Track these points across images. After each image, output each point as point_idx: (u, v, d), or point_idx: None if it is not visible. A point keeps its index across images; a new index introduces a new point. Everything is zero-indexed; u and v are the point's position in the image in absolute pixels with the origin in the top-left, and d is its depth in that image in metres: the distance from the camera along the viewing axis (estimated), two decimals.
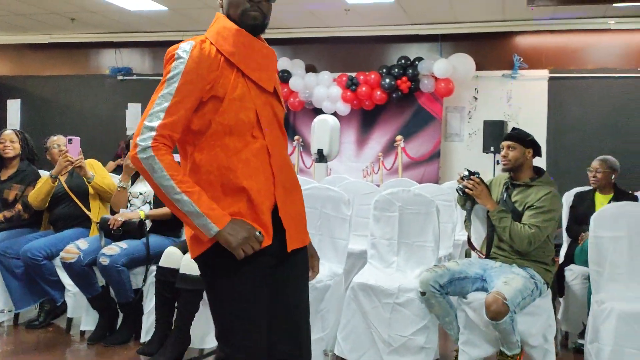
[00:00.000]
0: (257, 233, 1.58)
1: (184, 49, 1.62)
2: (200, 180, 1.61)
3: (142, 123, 1.59)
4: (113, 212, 3.49)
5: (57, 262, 3.38)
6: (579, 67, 6.92)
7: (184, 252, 3.08)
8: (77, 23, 8.13)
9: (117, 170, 6.64)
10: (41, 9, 7.49)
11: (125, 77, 8.82)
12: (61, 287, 3.44)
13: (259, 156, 1.64)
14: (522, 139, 3.00)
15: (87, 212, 3.58)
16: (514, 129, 3.13)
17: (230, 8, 1.70)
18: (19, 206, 3.70)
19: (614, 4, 5.67)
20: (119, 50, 8.87)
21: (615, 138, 6.61)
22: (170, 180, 1.55)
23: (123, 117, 8.77)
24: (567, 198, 4.03)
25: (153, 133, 1.56)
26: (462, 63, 7.07)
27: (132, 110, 8.77)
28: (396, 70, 7.22)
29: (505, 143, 3.02)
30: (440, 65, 6.94)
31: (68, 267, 3.17)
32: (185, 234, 1.71)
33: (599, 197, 3.83)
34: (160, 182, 1.55)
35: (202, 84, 1.60)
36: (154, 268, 3.19)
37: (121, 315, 3.31)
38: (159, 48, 8.69)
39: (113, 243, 3.22)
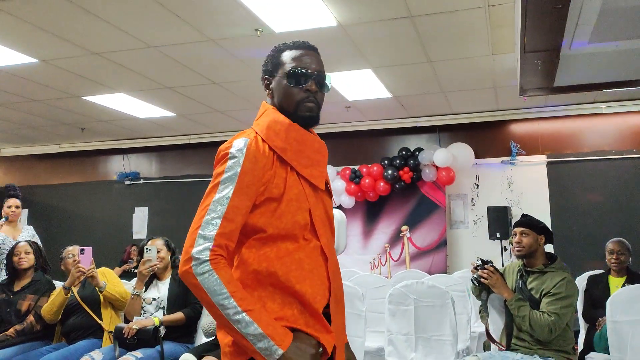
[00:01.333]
0: (320, 349, 1.45)
1: (238, 147, 1.49)
2: (247, 279, 1.48)
3: (196, 232, 1.42)
4: (126, 320, 3.47)
5: None
6: (576, 150, 7.10)
7: (199, 357, 3.03)
8: (87, 132, 8.44)
9: (123, 275, 6.63)
10: (52, 121, 7.81)
11: (133, 182, 9.03)
12: None
13: (313, 258, 1.52)
14: (535, 225, 3.05)
15: (100, 322, 3.56)
16: (524, 215, 3.17)
17: (283, 99, 1.60)
18: (31, 317, 3.67)
19: (603, 90, 5.92)
20: (127, 156, 9.15)
21: (619, 219, 6.65)
22: (231, 299, 1.39)
23: (130, 221, 8.88)
24: (580, 282, 4.01)
25: (210, 244, 1.41)
26: (461, 152, 7.26)
27: (139, 214, 8.88)
28: (398, 161, 7.41)
29: (518, 229, 3.06)
30: (440, 155, 7.14)
31: None
32: (220, 338, 1.53)
33: (613, 280, 3.82)
34: (219, 301, 1.38)
35: (257, 185, 1.48)
36: None
37: None
38: (165, 152, 8.97)
39: (128, 353, 3.17)
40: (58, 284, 3.74)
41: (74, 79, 5.97)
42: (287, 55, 1.63)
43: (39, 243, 4.95)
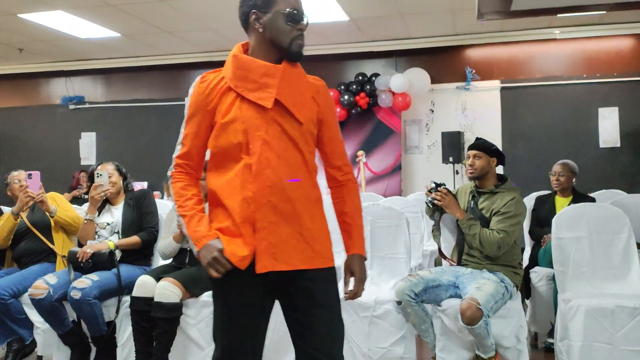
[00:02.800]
0: (224, 259, 1.69)
1: (192, 84, 1.83)
2: (209, 197, 1.82)
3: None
4: (80, 245, 3.42)
5: (24, 299, 3.28)
6: (529, 76, 7.20)
7: (157, 279, 3.05)
8: (26, 53, 7.95)
9: (73, 201, 6.49)
10: None
11: (78, 106, 8.65)
12: (30, 325, 3.34)
13: (240, 175, 1.72)
14: (487, 148, 3.12)
15: (52, 246, 3.50)
16: (478, 138, 3.23)
17: (278, 35, 1.77)
18: None
19: (558, 15, 5.95)
20: (70, 79, 8.70)
21: (567, 143, 6.89)
22: (175, 205, 1.81)
23: (77, 146, 8.57)
24: (528, 202, 4.17)
25: (172, 164, 1.84)
26: (417, 77, 7.25)
27: (86, 139, 8.58)
28: (354, 86, 7.35)
29: (471, 152, 3.13)
30: (396, 80, 7.11)
31: (37, 303, 3.07)
32: None
33: (559, 200, 3.99)
34: (175, 206, 1.81)
35: (202, 113, 1.78)
36: (126, 299, 3.14)
37: (94, 349, 3.22)
38: (112, 75, 8.57)
39: (83, 276, 3.15)
40: (5, 210, 3.61)
41: None
42: None
43: None
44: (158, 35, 7.07)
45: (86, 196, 6.68)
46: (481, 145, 3.15)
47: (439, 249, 3.32)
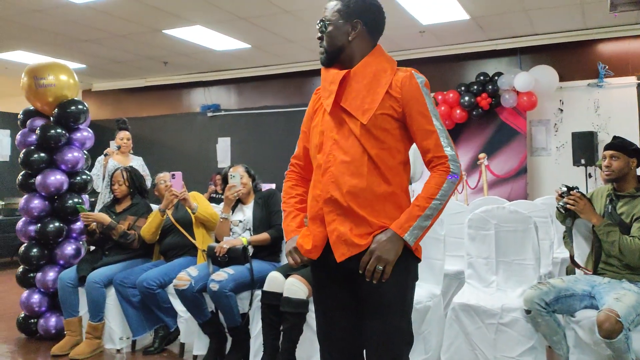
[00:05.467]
0: (296, 251, 1.90)
1: None
2: None
3: None
4: (217, 241, 3.70)
5: (169, 290, 3.59)
6: None
7: (286, 276, 3.21)
8: (169, 66, 8.72)
9: (210, 201, 6.98)
10: (136, 56, 8.11)
11: (215, 114, 9.33)
12: (174, 314, 3.66)
13: (315, 175, 1.91)
14: (626, 147, 2.91)
15: (193, 241, 3.81)
16: (615, 137, 3.02)
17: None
18: (133, 231, 3.92)
19: None
20: (207, 89, 9.41)
21: None
22: (281, 202, 2.06)
23: (214, 150, 9.25)
24: None
25: (289, 164, 2.09)
26: (544, 75, 6.91)
27: (222, 144, 9.25)
28: (475, 87, 7.17)
29: (607, 152, 2.94)
30: (521, 79, 6.83)
31: (181, 293, 3.36)
32: None
33: None
34: None
35: (309, 121, 2.00)
36: (258, 292, 3.33)
37: (230, 339, 3.44)
38: (243, 84, 9.14)
39: (220, 269, 3.41)
40: (155, 207, 4.00)
41: (153, 12, 6.12)
42: None
43: (147, 171, 5.37)
44: (283, 44, 7.42)
45: (218, 196, 7.18)
46: (619, 144, 2.94)
47: (572, 256, 3.16)
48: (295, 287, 3.10)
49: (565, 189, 3.01)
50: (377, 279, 1.74)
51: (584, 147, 6.50)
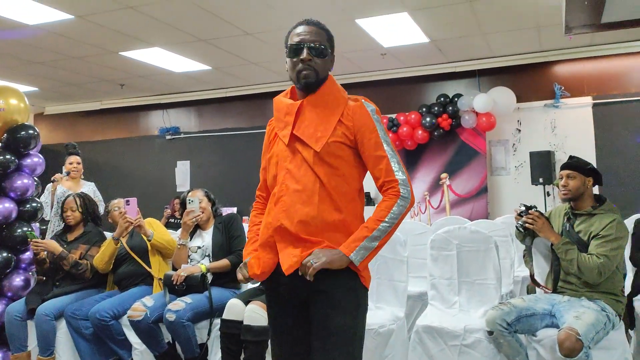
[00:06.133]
0: (244, 265, 1.97)
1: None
2: None
3: None
4: (174, 269, 3.58)
5: (123, 321, 3.45)
6: (623, 91, 6.81)
7: (246, 303, 3.12)
8: (126, 88, 8.56)
9: (167, 226, 6.83)
10: (92, 78, 7.93)
11: (174, 136, 9.18)
12: (129, 346, 3.49)
13: (270, 203, 1.94)
14: (582, 167, 2.95)
15: (149, 270, 3.68)
16: (571, 157, 3.07)
17: (290, 72, 1.93)
18: (85, 261, 3.77)
19: None
20: (166, 111, 9.27)
21: None
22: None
23: (173, 174, 9.07)
24: (627, 225, 3.90)
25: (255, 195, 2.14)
26: (502, 96, 7.06)
27: (181, 167, 9.08)
28: (436, 108, 7.27)
29: (564, 172, 2.98)
30: (479, 100, 6.95)
31: (135, 325, 3.23)
32: None
33: None
34: None
35: (266, 153, 2.03)
36: (217, 321, 3.23)
37: None
38: (203, 106, 9.04)
39: (178, 298, 3.29)
40: (108, 235, 3.86)
41: (110, 34, 6.00)
42: (290, 34, 1.93)
43: (100, 197, 5.21)
44: (245, 66, 7.38)
45: (175, 221, 7.00)
46: (575, 164, 2.99)
47: (532, 275, 3.17)
48: (256, 314, 3.03)
49: (523, 208, 3.04)
50: (308, 273, 1.76)
51: (541, 166, 6.63)
